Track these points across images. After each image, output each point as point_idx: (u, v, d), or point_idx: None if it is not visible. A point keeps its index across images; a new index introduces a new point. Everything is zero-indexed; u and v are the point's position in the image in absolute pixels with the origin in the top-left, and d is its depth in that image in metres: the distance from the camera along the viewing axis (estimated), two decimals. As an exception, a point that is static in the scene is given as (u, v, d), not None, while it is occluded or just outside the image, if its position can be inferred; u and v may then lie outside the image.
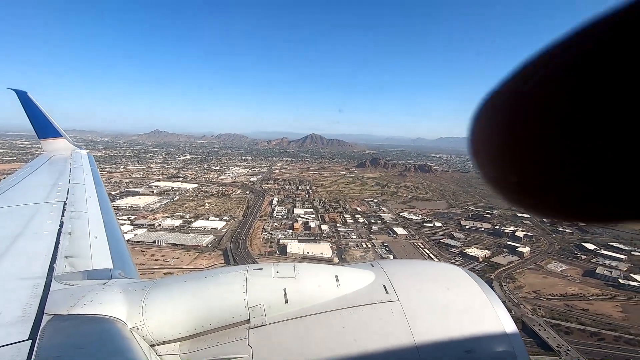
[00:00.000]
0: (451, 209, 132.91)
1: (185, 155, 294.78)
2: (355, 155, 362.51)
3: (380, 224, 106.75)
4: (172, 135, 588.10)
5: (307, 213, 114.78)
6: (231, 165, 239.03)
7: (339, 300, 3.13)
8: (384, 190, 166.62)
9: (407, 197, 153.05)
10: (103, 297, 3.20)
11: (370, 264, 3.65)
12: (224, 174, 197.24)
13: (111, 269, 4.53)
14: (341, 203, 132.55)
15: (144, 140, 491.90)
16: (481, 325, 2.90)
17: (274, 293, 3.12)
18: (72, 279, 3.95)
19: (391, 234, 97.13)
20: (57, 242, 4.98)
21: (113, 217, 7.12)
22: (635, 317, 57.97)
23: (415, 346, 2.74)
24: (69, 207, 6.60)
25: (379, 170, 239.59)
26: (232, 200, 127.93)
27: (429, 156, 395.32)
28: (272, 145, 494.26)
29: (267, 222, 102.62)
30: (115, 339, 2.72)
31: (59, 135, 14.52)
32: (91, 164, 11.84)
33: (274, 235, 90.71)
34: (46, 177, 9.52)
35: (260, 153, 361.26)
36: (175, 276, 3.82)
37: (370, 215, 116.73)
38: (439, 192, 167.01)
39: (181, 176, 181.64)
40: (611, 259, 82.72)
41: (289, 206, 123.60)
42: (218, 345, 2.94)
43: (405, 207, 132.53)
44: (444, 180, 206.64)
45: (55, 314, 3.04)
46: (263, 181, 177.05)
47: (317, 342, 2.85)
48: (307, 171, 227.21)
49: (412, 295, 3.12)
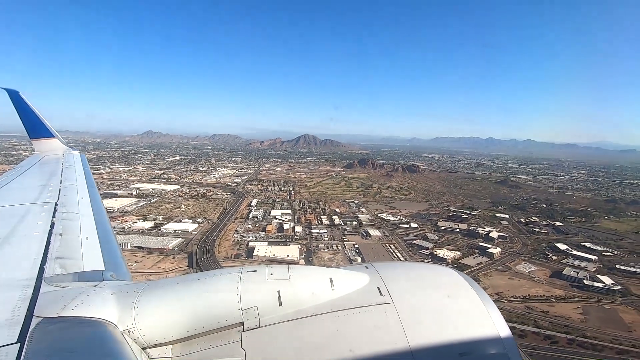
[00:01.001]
0: (431, 210, 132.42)
1: (174, 156, 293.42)
2: (347, 155, 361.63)
3: (355, 225, 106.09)
4: (165, 136, 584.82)
5: (285, 214, 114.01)
6: (219, 166, 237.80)
7: (333, 302, 3.14)
8: (368, 190, 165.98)
9: (389, 198, 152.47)
10: (94, 299, 3.16)
11: (365, 266, 3.65)
12: (209, 175, 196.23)
13: (103, 270, 4.48)
14: (321, 204, 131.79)
15: (137, 142, 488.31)
16: (475, 328, 2.92)
17: (268, 295, 3.11)
18: (62, 280, 3.88)
19: (365, 235, 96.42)
20: (48, 243, 4.90)
21: (105, 219, 7.05)
22: (593, 320, 57.55)
23: (409, 349, 2.74)
24: (60, 208, 6.50)
25: (367, 170, 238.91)
26: (211, 202, 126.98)
27: (421, 156, 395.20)
28: (265, 145, 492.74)
29: (242, 224, 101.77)
30: (106, 341, 2.70)
31: (51, 135, 14.37)
32: (84, 164, 11.81)
33: (245, 238, 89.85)
34: (37, 178, 9.38)
35: (252, 154, 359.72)
36: (168, 278, 3.77)
37: (348, 216, 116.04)
38: (422, 193, 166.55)
39: (165, 177, 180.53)
40: (581, 260, 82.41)
41: (267, 207, 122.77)
42: (211, 348, 2.92)
43: (385, 208, 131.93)
44: (431, 180, 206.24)
45: (45, 316, 2.99)
46: (247, 182, 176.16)
47: (311, 344, 2.85)
48: (295, 172, 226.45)
49: (407, 298, 3.12)
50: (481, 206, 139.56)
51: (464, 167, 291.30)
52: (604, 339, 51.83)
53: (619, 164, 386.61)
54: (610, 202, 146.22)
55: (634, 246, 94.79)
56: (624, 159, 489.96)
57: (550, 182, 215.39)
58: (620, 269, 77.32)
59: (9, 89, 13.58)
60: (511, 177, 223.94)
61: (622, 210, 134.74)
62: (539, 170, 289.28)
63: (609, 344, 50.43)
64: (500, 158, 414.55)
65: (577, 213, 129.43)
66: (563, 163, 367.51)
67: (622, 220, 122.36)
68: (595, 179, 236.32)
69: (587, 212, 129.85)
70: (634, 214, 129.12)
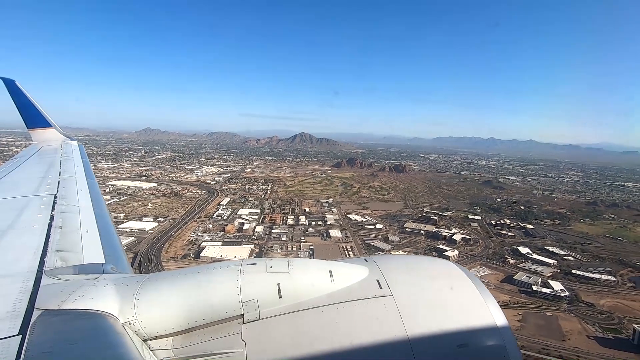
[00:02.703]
0: (405, 211, 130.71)
1: (166, 154, 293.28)
2: (342, 154, 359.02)
3: (320, 225, 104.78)
4: (163, 134, 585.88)
5: (252, 214, 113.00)
6: (207, 164, 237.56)
7: (332, 295, 3.16)
8: (347, 190, 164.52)
9: (366, 198, 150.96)
10: (95, 292, 3.18)
11: (364, 259, 3.66)
12: (192, 172, 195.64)
13: (103, 263, 4.46)
14: (293, 204, 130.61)
15: (134, 138, 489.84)
16: (473, 319, 2.96)
17: (268, 288, 3.13)
18: (63, 273, 3.87)
19: (325, 236, 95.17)
20: (48, 236, 4.91)
21: (105, 211, 7.03)
22: (530, 327, 55.93)
23: (408, 340, 2.78)
24: (59, 201, 6.49)
25: (354, 170, 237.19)
26: (181, 200, 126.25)
27: (417, 156, 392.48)
28: (261, 144, 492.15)
29: (203, 223, 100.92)
30: (107, 333, 2.72)
31: (49, 125, 14.25)
32: (82, 155, 11.67)
33: (200, 238, 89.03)
34: (36, 169, 9.32)
35: (245, 152, 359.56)
36: (169, 271, 3.81)
37: (316, 216, 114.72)
38: (402, 193, 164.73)
39: (146, 175, 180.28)
40: (540, 264, 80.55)
41: (237, 206, 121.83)
42: (211, 340, 2.95)
43: (358, 208, 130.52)
44: (416, 180, 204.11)
45: (46, 308, 3.01)
46: (228, 180, 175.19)
47: (310, 336, 2.88)
48: (280, 170, 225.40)
49: (406, 290, 3.16)
50: (457, 207, 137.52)
51: (456, 168, 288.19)
52: (532, 347, 50.23)
53: (617, 165, 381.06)
54: (591, 205, 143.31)
55: (600, 250, 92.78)
56: (625, 161, 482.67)
57: (539, 183, 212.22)
58: (576, 274, 75.50)
59: (5, 77, 13.28)
60: (499, 178, 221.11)
61: (601, 213, 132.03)
62: (532, 171, 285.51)
63: (536, 354, 48.83)
64: (498, 158, 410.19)
65: (553, 215, 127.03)
66: (560, 164, 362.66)
67: (597, 223, 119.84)
68: (586, 181, 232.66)
69: (563, 215, 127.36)
70: (610, 217, 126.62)
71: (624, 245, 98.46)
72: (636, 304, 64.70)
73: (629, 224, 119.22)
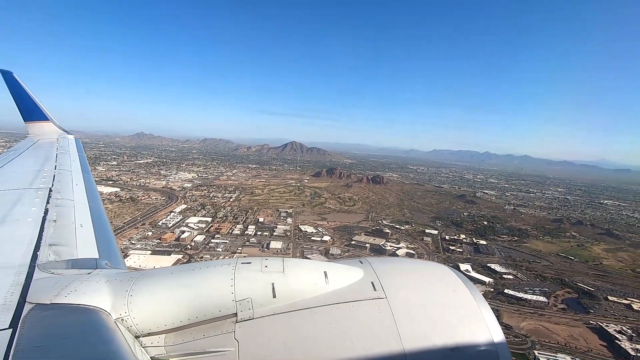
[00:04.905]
0: (363, 222, 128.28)
1: (149, 158, 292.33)
2: (330, 164, 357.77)
3: (265, 236, 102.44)
4: (156, 138, 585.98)
5: (202, 222, 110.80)
6: (185, 170, 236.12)
7: (327, 296, 3.16)
8: (314, 200, 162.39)
9: (330, 209, 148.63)
10: (87, 286, 3.15)
11: (360, 260, 3.65)
12: (165, 178, 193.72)
13: (97, 258, 4.43)
14: (249, 213, 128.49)
15: (126, 142, 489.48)
16: (467, 324, 2.97)
17: (262, 287, 3.12)
18: (56, 267, 3.85)
19: (264, 247, 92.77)
20: (42, 229, 4.87)
21: (100, 206, 6.97)
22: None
23: (401, 343, 2.79)
24: (54, 194, 6.46)
25: (333, 180, 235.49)
26: (135, 206, 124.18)
27: (406, 168, 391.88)
28: (252, 151, 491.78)
29: (145, 231, 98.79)
30: (99, 329, 2.70)
31: (46, 119, 14.27)
32: (79, 149, 11.61)
33: (132, 246, 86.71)
34: (31, 162, 9.28)
35: (233, 159, 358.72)
36: (163, 268, 3.74)
37: (268, 226, 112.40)
38: (370, 204, 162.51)
39: (114, 179, 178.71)
40: (475, 282, 77.69)
41: (190, 214, 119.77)
42: (204, 338, 2.94)
43: (315, 219, 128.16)
44: (390, 192, 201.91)
45: (38, 302, 2.98)
46: (196, 187, 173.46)
47: (304, 337, 2.89)
48: (256, 179, 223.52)
49: (400, 293, 3.16)
50: (419, 221, 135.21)
51: (439, 180, 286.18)
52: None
53: (607, 183, 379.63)
54: (556, 222, 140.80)
55: (546, 269, 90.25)
56: (616, 178, 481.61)
57: (516, 199, 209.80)
58: (507, 294, 72.88)
59: (3, 69, 13.19)
60: (477, 192, 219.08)
61: (564, 230, 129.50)
62: (516, 186, 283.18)
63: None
64: (487, 173, 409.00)
65: (514, 231, 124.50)
66: (547, 180, 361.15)
67: (556, 241, 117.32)
68: (566, 198, 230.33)
69: (524, 231, 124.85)
70: (572, 235, 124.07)
71: (572, 264, 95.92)
72: (558, 327, 62.10)
73: (587, 242, 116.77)
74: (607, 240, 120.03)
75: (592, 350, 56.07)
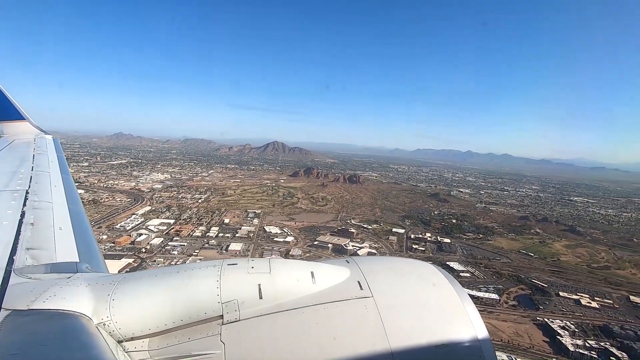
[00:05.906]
0: (331, 222, 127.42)
1: (124, 159, 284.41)
2: (312, 164, 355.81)
3: (227, 237, 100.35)
4: (135, 139, 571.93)
5: (163, 224, 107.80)
6: (159, 171, 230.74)
7: (313, 296, 3.16)
8: (285, 200, 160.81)
9: (301, 209, 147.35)
10: (67, 291, 3.06)
11: (346, 260, 3.64)
12: (135, 179, 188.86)
13: (77, 262, 4.31)
14: (216, 214, 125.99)
15: (104, 143, 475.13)
16: (452, 321, 3.02)
17: (249, 288, 3.10)
18: (33, 272, 3.75)
19: (222, 249, 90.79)
20: (18, 233, 4.71)
21: (81, 208, 6.84)
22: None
23: (388, 341, 2.81)
24: (31, 197, 6.25)
25: (310, 179, 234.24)
26: (95, 209, 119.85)
27: (387, 167, 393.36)
28: (234, 151, 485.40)
29: (100, 234, 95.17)
30: (80, 334, 2.63)
31: (22, 118, 13.61)
32: (57, 150, 11.32)
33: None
34: (6, 164, 8.74)
35: (213, 159, 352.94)
36: (146, 270, 3.67)
37: (232, 227, 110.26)
38: (342, 204, 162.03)
39: (80, 181, 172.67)
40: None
41: (153, 216, 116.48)
42: (189, 341, 2.90)
43: (283, 220, 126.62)
44: (365, 191, 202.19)
45: (14, 309, 2.89)
46: (166, 188, 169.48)
47: (290, 337, 2.89)
48: (231, 179, 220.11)
49: (386, 292, 3.19)
50: (389, 220, 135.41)
51: (417, 179, 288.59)
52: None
53: (580, 180, 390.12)
54: (522, 219, 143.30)
55: (504, 266, 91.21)
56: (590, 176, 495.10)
57: (489, 197, 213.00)
58: (460, 293, 72.91)
59: None
60: (452, 191, 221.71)
61: (529, 227, 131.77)
62: (492, 184, 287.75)
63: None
64: (467, 171, 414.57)
65: (480, 229, 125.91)
66: (524, 178, 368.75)
67: (519, 238, 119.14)
68: (538, 195, 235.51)
69: (490, 229, 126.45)
70: (536, 232, 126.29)
71: (532, 261, 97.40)
72: (505, 324, 62.44)
73: (550, 239, 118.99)
74: (569, 236, 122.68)
75: (534, 346, 56.50)
